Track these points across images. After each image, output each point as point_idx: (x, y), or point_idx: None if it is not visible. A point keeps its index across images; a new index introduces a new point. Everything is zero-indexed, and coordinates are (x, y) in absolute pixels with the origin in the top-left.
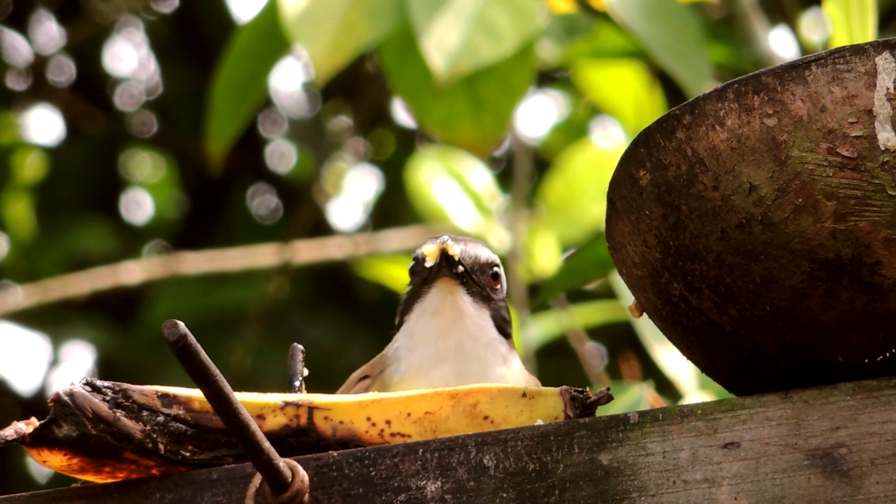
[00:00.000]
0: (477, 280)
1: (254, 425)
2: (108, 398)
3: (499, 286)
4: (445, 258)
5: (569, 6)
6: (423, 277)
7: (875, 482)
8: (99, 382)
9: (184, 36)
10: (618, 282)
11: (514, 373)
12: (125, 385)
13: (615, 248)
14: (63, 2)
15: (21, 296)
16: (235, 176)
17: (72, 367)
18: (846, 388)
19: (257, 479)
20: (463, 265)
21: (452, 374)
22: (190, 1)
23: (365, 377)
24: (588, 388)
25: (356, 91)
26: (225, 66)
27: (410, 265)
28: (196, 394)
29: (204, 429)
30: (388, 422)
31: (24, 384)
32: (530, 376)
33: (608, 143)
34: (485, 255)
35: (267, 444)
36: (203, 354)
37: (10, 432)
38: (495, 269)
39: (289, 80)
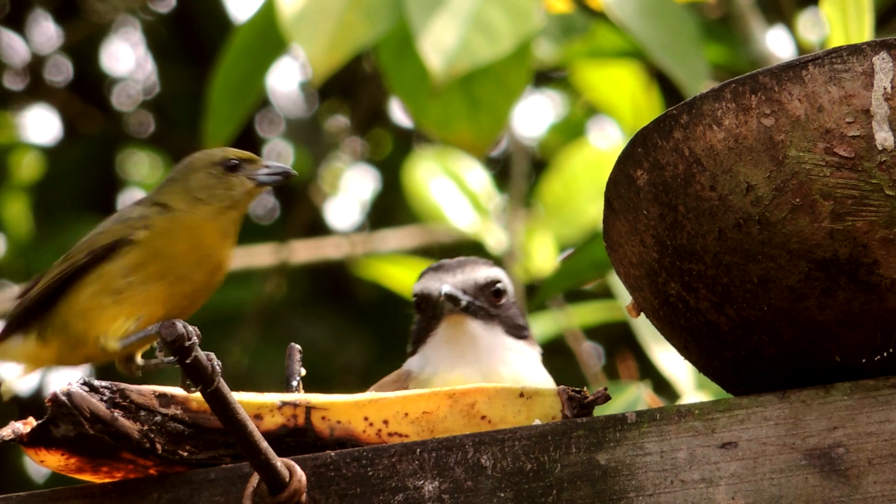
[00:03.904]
0: (480, 304)
1: (251, 425)
2: (105, 398)
3: (503, 300)
4: (449, 299)
5: (566, 6)
6: (429, 314)
7: (873, 482)
8: (96, 382)
9: (181, 36)
10: (615, 282)
11: (531, 371)
12: (123, 385)
13: (612, 247)
14: (60, 2)
15: None
16: None
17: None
18: (843, 387)
19: (255, 479)
20: (465, 296)
21: (476, 372)
22: (187, 0)
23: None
24: (585, 388)
25: (353, 91)
26: (222, 66)
27: (414, 301)
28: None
29: (201, 428)
30: (385, 422)
31: (22, 384)
32: (547, 375)
33: (605, 143)
34: (483, 275)
35: (264, 444)
36: (200, 354)
37: (7, 432)
38: (496, 286)
39: (286, 80)
